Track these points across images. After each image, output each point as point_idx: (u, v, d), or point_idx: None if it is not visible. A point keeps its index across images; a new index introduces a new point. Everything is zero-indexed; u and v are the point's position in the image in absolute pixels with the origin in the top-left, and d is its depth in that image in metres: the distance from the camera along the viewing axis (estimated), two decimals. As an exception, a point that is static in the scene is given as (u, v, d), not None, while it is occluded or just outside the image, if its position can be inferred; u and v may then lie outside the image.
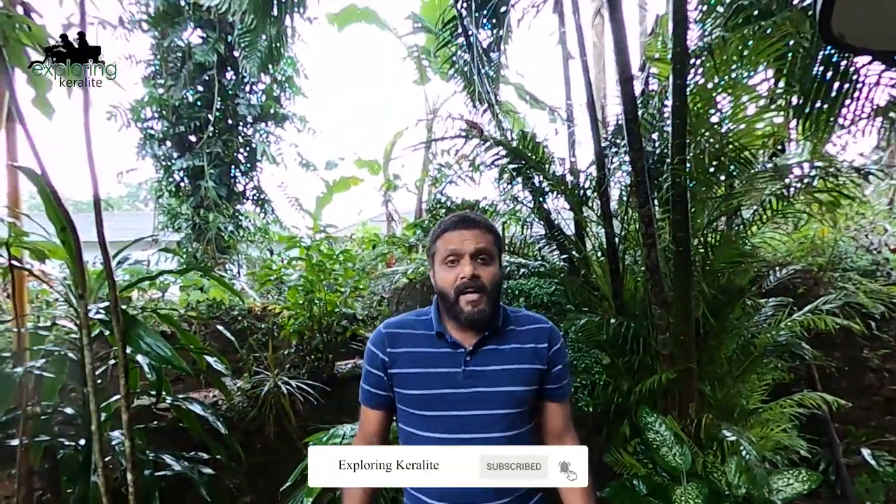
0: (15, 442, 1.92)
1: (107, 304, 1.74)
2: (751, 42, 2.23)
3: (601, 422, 2.86)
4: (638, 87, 2.75)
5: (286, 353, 3.45)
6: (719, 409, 2.74)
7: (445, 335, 1.18)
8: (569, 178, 2.98)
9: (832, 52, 2.51)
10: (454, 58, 3.28)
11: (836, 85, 2.55)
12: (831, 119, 2.63)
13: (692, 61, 2.16)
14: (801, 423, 2.95)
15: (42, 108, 1.63)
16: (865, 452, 3.37)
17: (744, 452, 2.29)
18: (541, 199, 3.03)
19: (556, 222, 3.10)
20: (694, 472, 2.48)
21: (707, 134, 2.30)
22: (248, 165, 6.22)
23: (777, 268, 3.36)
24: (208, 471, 2.35)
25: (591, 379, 2.31)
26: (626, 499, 2.51)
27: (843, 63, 2.52)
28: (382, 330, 1.24)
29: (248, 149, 6.11)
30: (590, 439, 3.04)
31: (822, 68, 2.52)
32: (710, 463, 2.56)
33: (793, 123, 2.77)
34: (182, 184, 6.01)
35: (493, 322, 1.18)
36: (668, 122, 2.68)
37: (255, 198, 6.41)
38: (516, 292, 2.29)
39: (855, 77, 2.51)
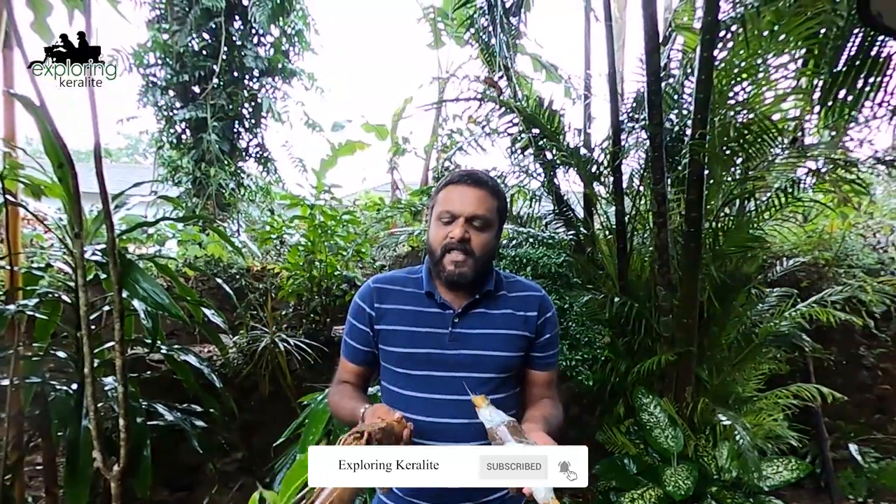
0: (5, 382, 1.89)
1: (104, 245, 1.68)
2: (783, 19, 2.14)
3: (596, 401, 2.86)
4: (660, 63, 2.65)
5: (284, 313, 3.42)
6: (715, 394, 2.74)
7: (435, 295, 1.16)
8: (583, 150, 2.91)
9: (865, 37, 2.42)
10: (472, 18, 3.15)
11: (863, 75, 2.47)
12: (854, 111, 2.56)
13: (721, 34, 2.06)
14: (793, 415, 2.97)
15: (41, 32, 1.54)
16: (852, 448, 3.40)
17: (738, 437, 2.29)
18: (552, 172, 2.96)
19: (565, 198, 3.04)
20: (685, 455, 2.49)
21: (731, 112, 2.22)
22: (253, 121, 6.05)
23: (784, 259, 3.32)
24: (201, 424, 2.33)
25: (593, 353, 2.30)
26: (615, 476, 2.53)
27: (874, 50, 2.43)
28: (371, 284, 1.21)
29: (253, 104, 5.93)
30: (582, 417, 3.06)
31: (852, 53, 2.43)
32: (702, 447, 2.57)
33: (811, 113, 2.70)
34: (183, 136, 5.87)
35: (483, 286, 1.15)
36: (689, 98, 2.60)
37: (258, 155, 6.26)
38: (524, 261, 2.24)
39: (885, 68, 2.43)
